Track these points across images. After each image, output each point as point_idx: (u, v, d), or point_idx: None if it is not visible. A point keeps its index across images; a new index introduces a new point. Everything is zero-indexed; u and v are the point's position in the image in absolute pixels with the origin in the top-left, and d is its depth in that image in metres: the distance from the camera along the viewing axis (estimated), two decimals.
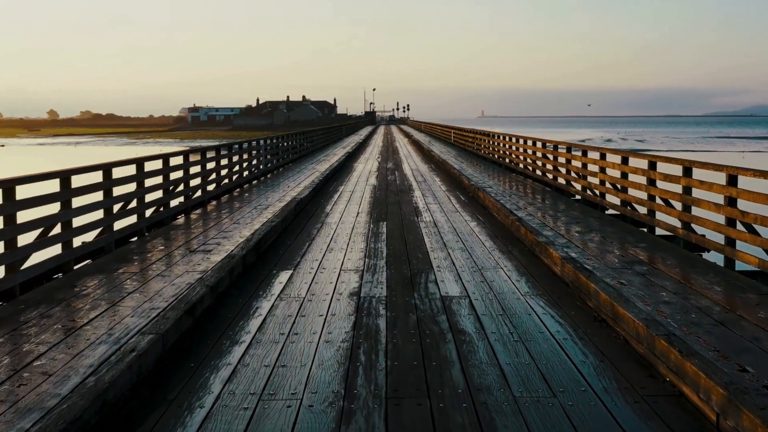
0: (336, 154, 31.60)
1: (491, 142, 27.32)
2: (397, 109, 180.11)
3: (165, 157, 12.29)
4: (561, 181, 16.60)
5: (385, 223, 12.26)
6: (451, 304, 6.96)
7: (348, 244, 10.22)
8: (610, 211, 13.26)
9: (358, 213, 13.54)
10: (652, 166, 10.96)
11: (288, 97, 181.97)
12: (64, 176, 8.45)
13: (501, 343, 5.79)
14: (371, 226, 11.94)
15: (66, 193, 8.40)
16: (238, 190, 17.69)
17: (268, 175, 21.40)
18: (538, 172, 18.93)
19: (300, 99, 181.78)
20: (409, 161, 29.22)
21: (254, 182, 19.40)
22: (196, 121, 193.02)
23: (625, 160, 12.25)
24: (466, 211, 13.86)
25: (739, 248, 8.30)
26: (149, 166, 11.63)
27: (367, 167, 25.64)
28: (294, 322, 6.42)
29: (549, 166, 17.95)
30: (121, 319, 6.22)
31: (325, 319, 6.49)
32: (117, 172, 10.15)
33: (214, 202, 15.37)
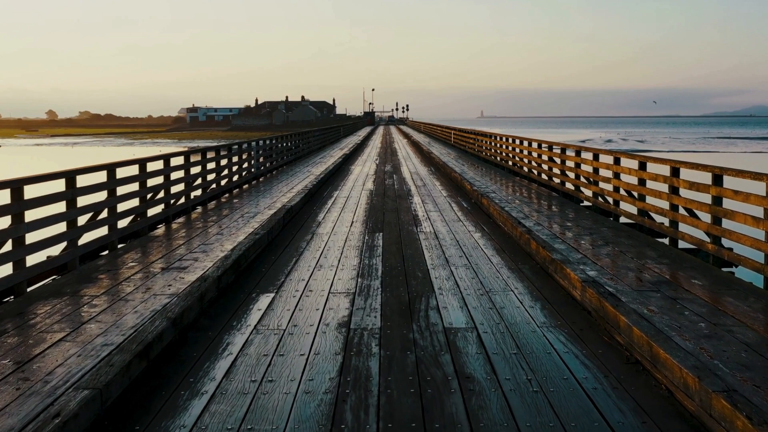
0: (333, 156, 30.61)
1: (493, 144, 26.32)
2: (397, 109, 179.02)
3: (141, 163, 11.28)
4: (569, 186, 15.63)
5: (381, 234, 11.25)
6: (456, 339, 5.94)
7: (339, 260, 9.19)
8: (624, 220, 12.29)
9: (352, 222, 12.51)
10: (675, 172, 9.95)
11: (287, 97, 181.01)
12: (15, 186, 7.44)
13: (518, 395, 4.76)
14: (366, 237, 10.92)
15: (17, 206, 7.39)
16: (227, 195, 16.70)
17: (261, 179, 20.41)
18: (544, 176, 17.94)
19: (299, 99, 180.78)
20: (408, 163, 28.22)
21: (245, 186, 18.41)
22: (195, 121, 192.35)
23: (642, 166, 11.25)
24: (469, 219, 12.84)
25: None
26: (122, 173, 10.64)
27: (364, 170, 24.63)
28: (270, 363, 5.39)
29: (556, 170, 16.96)
30: (65, 359, 5.22)
31: (307, 359, 5.46)
32: (83, 180, 9.16)
33: (199, 209, 14.38)
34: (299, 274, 8.46)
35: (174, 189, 12.97)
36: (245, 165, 19.29)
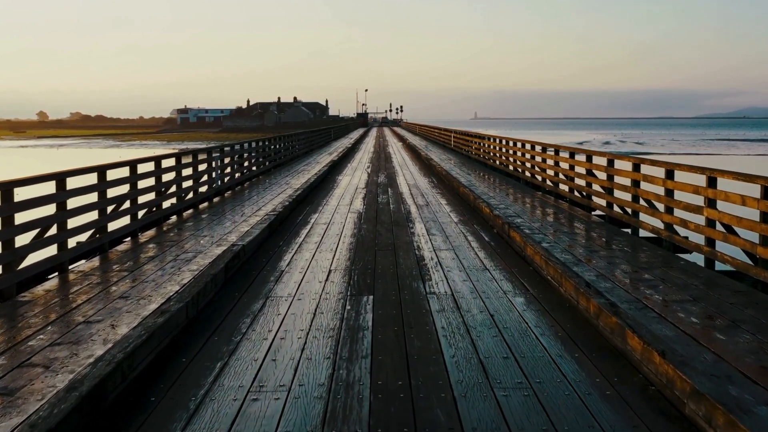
0: (319, 163, 26.75)
1: (503, 150, 22.46)
2: (390, 110, 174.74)
3: (6, 188, 7.36)
4: (617, 208, 11.86)
5: (371, 298, 7.31)
6: None
7: (296, 371, 5.22)
8: (721, 266, 8.54)
9: (329, 272, 8.57)
10: None
11: (279, 98, 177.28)
12: None
13: None
14: (348, 307, 6.99)
15: None
16: (175, 217, 12.86)
17: (228, 193, 16.52)
18: (577, 193, 14.14)
19: (291, 100, 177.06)
20: (404, 172, 24.33)
21: (203, 205, 14.53)
22: (186, 122, 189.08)
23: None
24: (499, 267, 8.91)
25: None
26: None
27: (353, 182, 20.71)
28: None
29: (596, 187, 13.15)
30: None
31: None
32: None
33: (128, 241, 10.58)
34: (215, 412, 4.50)
35: (75, 221, 9.12)
36: (204, 178, 15.40)
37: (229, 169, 17.60)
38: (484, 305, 6.98)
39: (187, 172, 14.27)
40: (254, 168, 21.00)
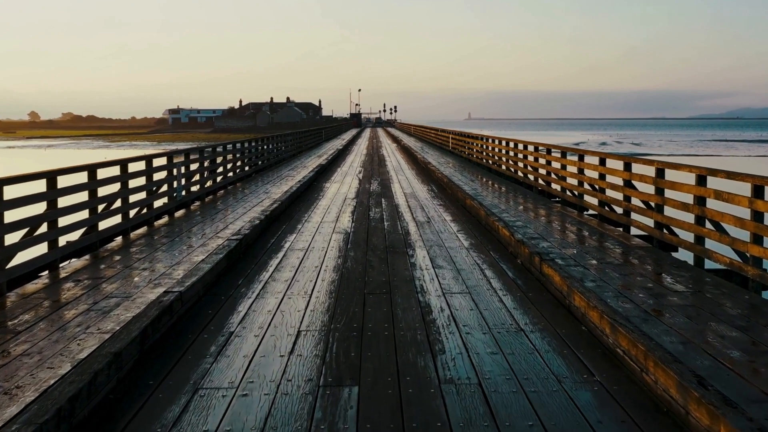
0: (306, 167, 24.21)
1: (512, 154, 19.94)
2: (384, 110, 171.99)
3: None
4: (665, 231, 9.41)
5: (355, 391, 4.75)
6: None
7: None
8: None
9: (297, 336, 6.00)
10: None
11: (272, 98, 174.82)
12: None
13: None
14: (317, 414, 4.39)
15: None
16: (120, 238, 10.38)
17: (194, 205, 13.98)
18: (608, 207, 11.69)
19: (284, 101, 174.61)
20: (400, 178, 21.79)
21: (161, 221, 12.02)
22: (177, 123, 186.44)
23: None
24: (538, 326, 6.32)
25: None
26: None
27: (342, 190, 18.13)
28: None
29: (636, 201, 10.71)
30: None
31: None
32: None
33: (45, 276, 8.14)
34: None
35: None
36: (164, 188, 12.85)
37: (197, 176, 15.06)
38: (532, 410, 4.42)
39: (140, 181, 11.76)
40: (231, 174, 18.45)
